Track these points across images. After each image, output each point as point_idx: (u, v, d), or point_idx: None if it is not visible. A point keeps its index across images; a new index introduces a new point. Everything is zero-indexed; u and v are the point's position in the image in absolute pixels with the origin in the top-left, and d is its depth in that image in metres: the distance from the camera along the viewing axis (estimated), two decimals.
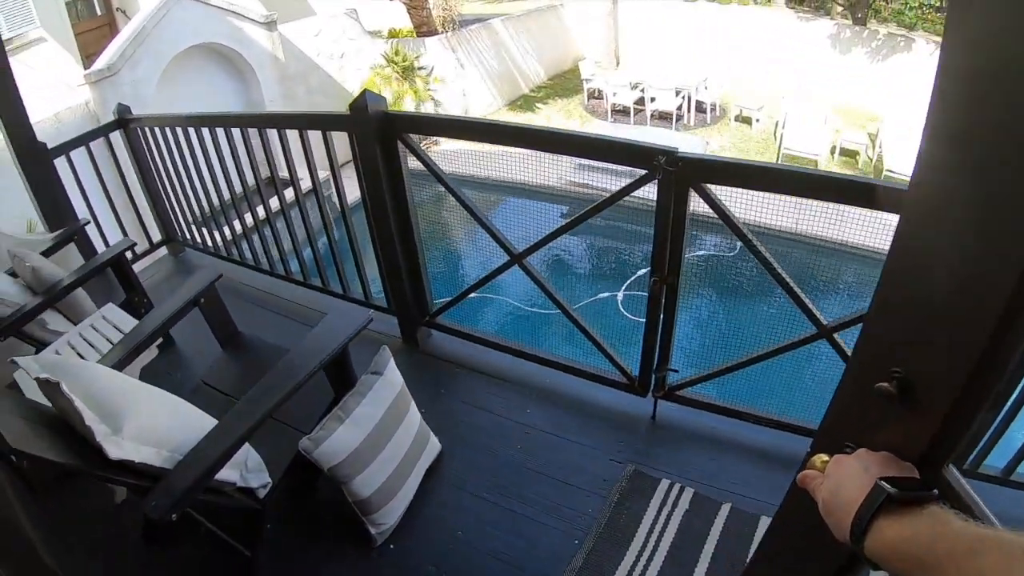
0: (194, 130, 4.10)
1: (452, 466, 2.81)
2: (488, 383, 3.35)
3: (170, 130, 4.37)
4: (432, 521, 2.59)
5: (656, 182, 2.41)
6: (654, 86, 13.75)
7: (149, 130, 4.62)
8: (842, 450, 0.93)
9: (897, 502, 0.76)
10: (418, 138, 2.96)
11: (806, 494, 0.94)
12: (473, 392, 3.33)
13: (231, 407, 2.22)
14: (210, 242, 4.91)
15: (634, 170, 2.51)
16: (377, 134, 2.89)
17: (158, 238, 5.35)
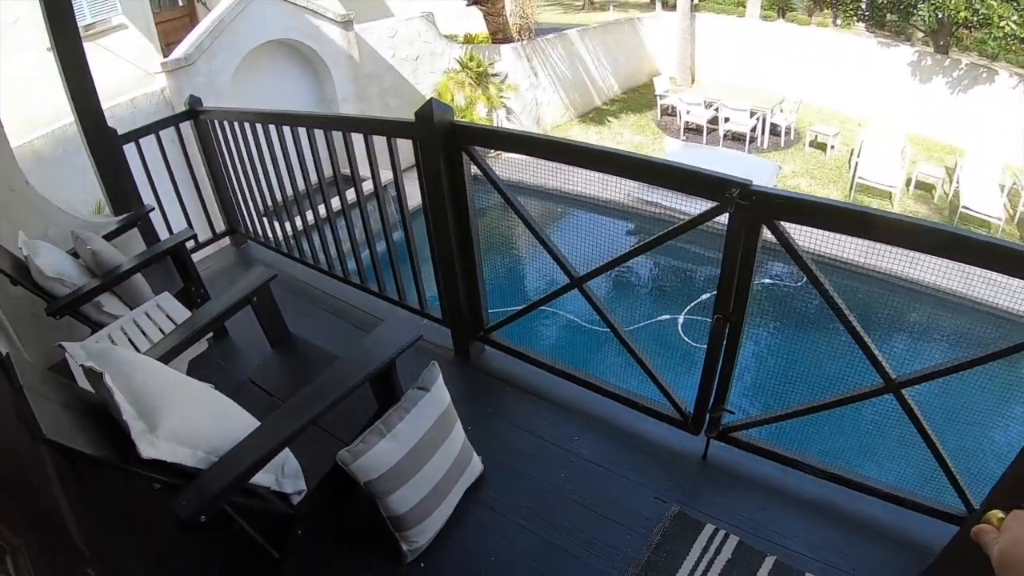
0: (261, 126, 4.12)
1: (492, 489, 2.73)
2: (537, 405, 3.27)
3: (239, 124, 4.41)
4: (466, 544, 2.51)
5: (727, 215, 2.26)
6: (729, 106, 13.51)
7: (218, 123, 4.67)
8: (1019, 507, 0.93)
9: None
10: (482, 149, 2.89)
11: (974, 549, 0.94)
12: (521, 414, 3.24)
13: (274, 409, 2.19)
14: (271, 237, 4.93)
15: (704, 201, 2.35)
16: (442, 144, 2.83)
17: (222, 228, 5.42)
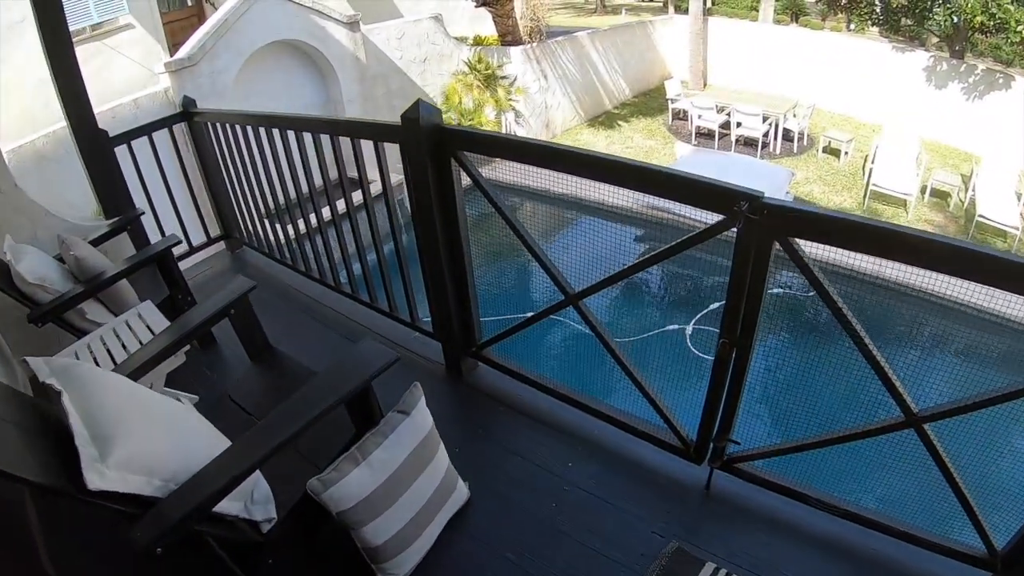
0: (252, 129, 3.98)
1: (478, 518, 2.54)
2: (531, 427, 3.09)
3: (230, 127, 4.27)
4: None
5: (735, 230, 2.06)
6: (741, 111, 13.30)
7: (211, 125, 4.53)
8: None
9: None
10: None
11: None
12: (513, 436, 3.06)
13: (249, 428, 2.10)
14: (265, 242, 4.79)
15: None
16: (429, 149, 2.65)
17: (217, 232, 5.29)
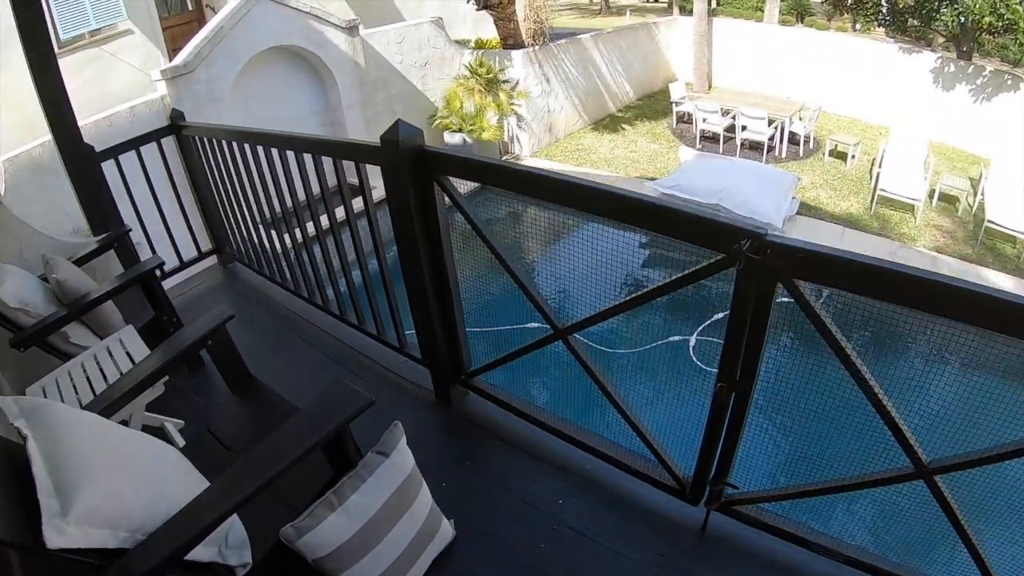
0: (237, 144, 3.86)
1: (463, 558, 2.39)
2: (522, 460, 2.95)
3: (216, 141, 4.15)
4: None
5: (735, 270, 1.90)
6: (746, 114, 13.11)
7: (198, 139, 4.41)
8: None
9: None
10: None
11: None
12: (503, 469, 2.93)
13: (228, 465, 1.99)
14: (255, 259, 4.67)
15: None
16: (410, 172, 2.52)
17: (208, 246, 5.18)
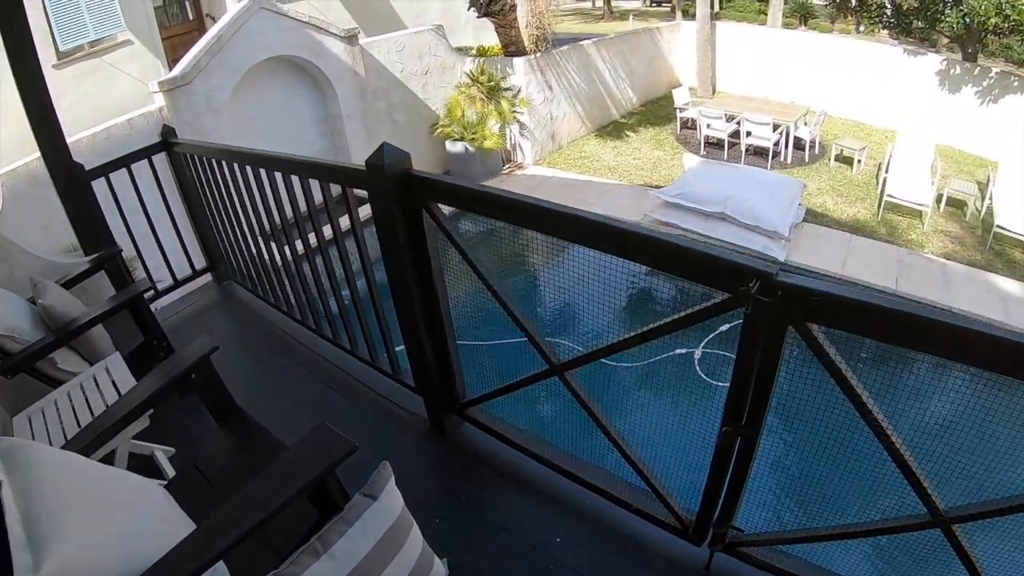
0: (226, 163, 3.75)
1: None
2: (519, 494, 2.81)
3: (206, 159, 4.04)
4: None
5: (742, 312, 1.72)
6: (751, 119, 12.96)
7: (189, 156, 4.30)
8: None
9: None
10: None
11: None
12: (499, 504, 2.78)
13: (214, 502, 1.91)
14: (248, 279, 4.55)
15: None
16: (397, 198, 2.39)
17: (202, 264, 5.07)
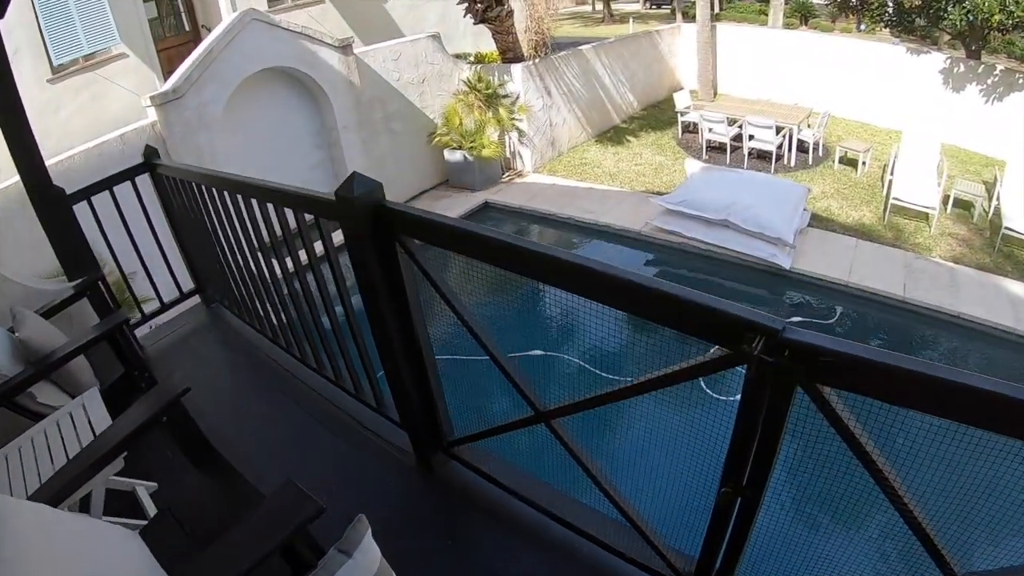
0: (205, 187, 3.61)
1: None
2: (509, 537, 2.64)
3: (186, 182, 3.91)
4: None
5: (744, 369, 1.51)
6: (753, 123, 12.77)
7: (169, 179, 4.18)
8: None
9: None
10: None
11: None
12: (488, 549, 2.63)
13: (187, 552, 1.96)
14: (234, 303, 4.42)
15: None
16: (370, 231, 2.25)
17: (190, 287, 4.95)
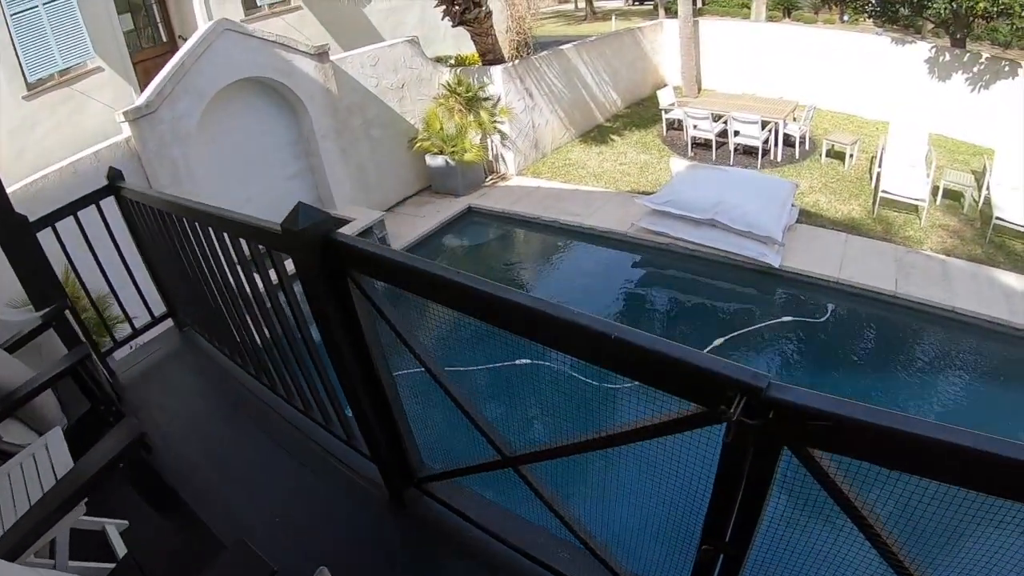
0: (163, 212, 3.47)
1: None
2: None
3: (146, 206, 3.78)
4: None
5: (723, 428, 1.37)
6: (738, 118, 12.65)
7: (133, 202, 4.04)
8: None
9: None
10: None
11: None
12: None
13: None
14: (204, 326, 4.29)
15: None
16: (318, 265, 2.11)
17: (161, 311, 4.82)
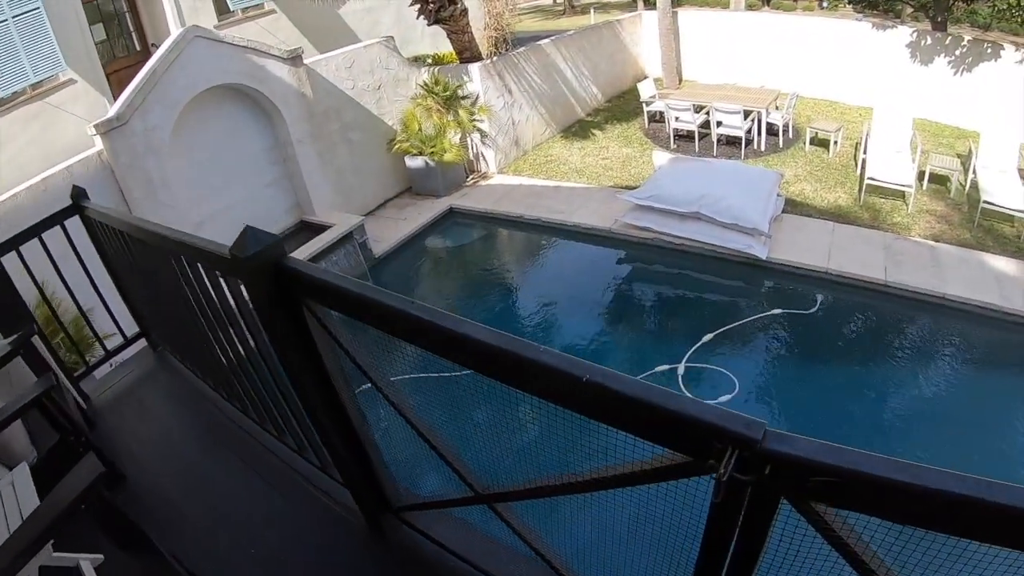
0: (123, 232, 3.37)
1: None
2: None
3: (107, 226, 3.67)
4: None
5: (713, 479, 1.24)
6: (720, 109, 12.53)
7: (97, 221, 3.92)
8: None
9: None
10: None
11: None
12: None
13: None
14: (178, 348, 4.18)
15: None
16: (271, 292, 1.98)
17: (134, 331, 4.70)
